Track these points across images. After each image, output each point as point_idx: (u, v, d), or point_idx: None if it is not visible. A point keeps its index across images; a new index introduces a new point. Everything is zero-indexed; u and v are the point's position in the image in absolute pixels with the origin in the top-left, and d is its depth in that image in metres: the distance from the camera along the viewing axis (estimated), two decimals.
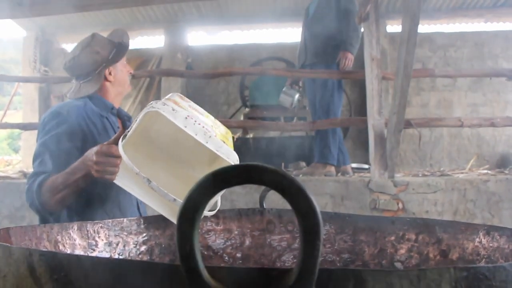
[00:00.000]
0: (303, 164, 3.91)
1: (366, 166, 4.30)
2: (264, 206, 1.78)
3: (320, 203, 3.02)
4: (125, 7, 4.06)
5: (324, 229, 1.62)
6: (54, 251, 0.62)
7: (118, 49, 2.00)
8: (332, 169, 3.58)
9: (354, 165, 4.06)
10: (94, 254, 1.48)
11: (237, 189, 3.20)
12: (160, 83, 5.99)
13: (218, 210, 1.72)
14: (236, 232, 1.74)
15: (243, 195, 3.17)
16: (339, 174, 3.56)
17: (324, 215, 1.64)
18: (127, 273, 0.54)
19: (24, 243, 1.24)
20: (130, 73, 2.08)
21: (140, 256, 1.58)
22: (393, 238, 1.42)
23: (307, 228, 0.46)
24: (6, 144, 15.44)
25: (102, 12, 5.76)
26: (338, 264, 1.48)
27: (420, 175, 3.63)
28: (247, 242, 1.73)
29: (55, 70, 6.07)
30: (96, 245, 1.50)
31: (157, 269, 0.53)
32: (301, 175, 3.49)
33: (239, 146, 4.30)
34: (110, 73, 2.00)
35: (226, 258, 1.69)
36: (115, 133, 1.85)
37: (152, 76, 5.81)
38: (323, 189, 3.09)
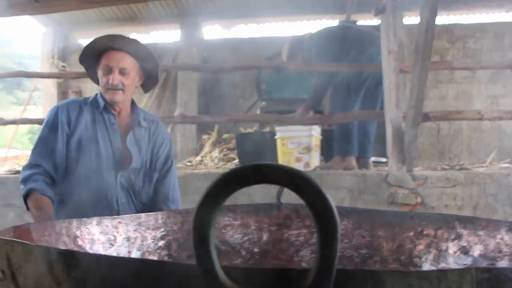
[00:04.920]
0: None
1: (384, 159, 4.27)
2: (281, 201, 1.78)
3: (338, 197, 3.01)
4: (138, 2, 4.07)
5: (342, 224, 1.61)
6: (71, 250, 0.62)
7: (85, 51, 2.05)
8: (353, 161, 3.56)
9: (372, 158, 4.03)
10: (112, 249, 1.49)
11: None
12: (176, 77, 6.01)
13: (236, 205, 1.73)
14: (253, 227, 1.74)
15: (260, 189, 3.17)
16: (359, 169, 3.53)
17: (341, 210, 1.63)
18: (144, 272, 0.54)
19: (44, 238, 1.26)
20: (108, 83, 2.02)
21: (158, 251, 1.59)
22: (411, 233, 1.41)
23: (324, 228, 0.45)
24: (27, 139, 15.68)
25: (118, 7, 5.79)
26: (356, 260, 1.47)
27: (438, 169, 3.59)
28: (265, 237, 1.73)
29: (72, 65, 6.13)
30: (115, 240, 1.52)
31: (174, 269, 0.53)
32: (318, 169, 3.48)
33: (256, 140, 4.30)
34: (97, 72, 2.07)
35: (244, 253, 1.69)
36: (106, 128, 2.03)
37: (168, 71, 5.82)
38: (341, 183, 3.08)
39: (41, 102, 6.70)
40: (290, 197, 1.78)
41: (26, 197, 1.86)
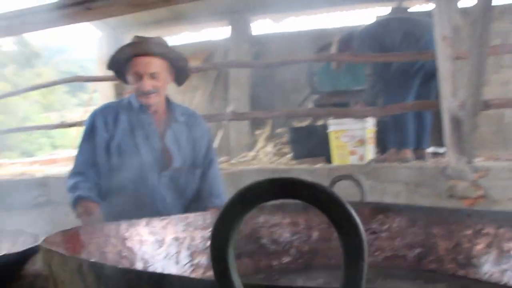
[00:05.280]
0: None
1: (442, 150, 4.10)
2: None
3: (393, 191, 2.92)
4: (186, 2, 4.11)
5: (395, 222, 1.55)
6: (101, 263, 0.62)
7: (112, 59, 2.06)
8: (408, 153, 3.44)
9: (429, 149, 3.88)
10: (161, 249, 1.50)
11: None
12: (228, 73, 6.04)
13: (285, 203, 1.71)
14: (302, 226, 1.71)
15: None
16: (415, 161, 3.41)
17: (394, 208, 1.56)
18: (166, 286, 0.53)
19: (93, 241, 1.29)
20: (139, 89, 2.03)
21: (207, 250, 1.60)
22: (469, 232, 1.33)
23: (349, 248, 0.42)
24: None
25: (167, 8, 5.87)
26: (409, 260, 1.41)
27: (502, 159, 3.40)
28: (314, 235, 1.69)
29: None
30: (164, 241, 1.53)
31: (199, 285, 0.51)
32: (373, 162, 3.39)
33: (309, 134, 4.25)
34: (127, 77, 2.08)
35: (293, 252, 1.66)
36: (144, 129, 2.05)
37: (219, 68, 5.86)
38: (396, 176, 2.98)
39: (100, 103, 6.93)
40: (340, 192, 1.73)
41: (74, 204, 1.92)
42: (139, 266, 1.39)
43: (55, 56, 20.25)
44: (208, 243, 1.49)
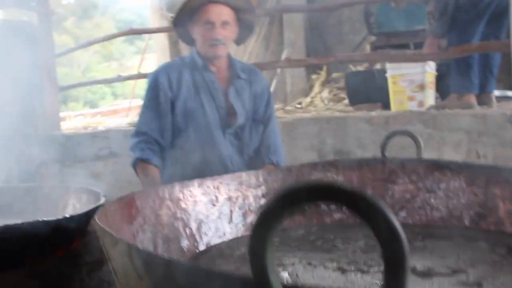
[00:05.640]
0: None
1: (510, 93, 3.87)
2: (386, 155, 1.69)
3: (453, 140, 2.79)
4: None
5: (453, 180, 1.49)
6: (149, 252, 0.63)
7: (182, 8, 1.99)
8: (472, 98, 3.26)
9: (496, 92, 3.66)
10: (215, 209, 1.53)
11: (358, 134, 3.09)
12: (282, 17, 5.89)
13: (338, 160, 1.69)
14: (356, 183, 1.69)
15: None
16: (478, 107, 3.23)
17: (452, 165, 1.50)
18: (209, 282, 0.53)
19: (149, 205, 1.33)
20: (211, 38, 1.97)
21: (260, 209, 1.61)
22: None
23: (390, 259, 0.40)
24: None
25: None
26: (465, 221, 1.36)
27: None
28: (369, 192, 1.67)
29: None
30: (217, 200, 1.56)
31: (236, 281, 0.51)
32: (432, 109, 3.25)
33: (366, 79, 4.12)
34: (192, 31, 2.03)
35: (342, 212, 1.65)
36: (208, 87, 2.02)
37: (272, 14, 5.71)
38: (457, 124, 2.84)
39: (155, 50, 7.01)
40: (393, 149, 1.68)
41: (134, 165, 1.97)
42: (193, 226, 1.43)
43: (112, 6, 20.50)
44: (262, 201, 1.50)
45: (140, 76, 4.19)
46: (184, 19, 2.03)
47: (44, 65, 3.97)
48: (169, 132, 2.00)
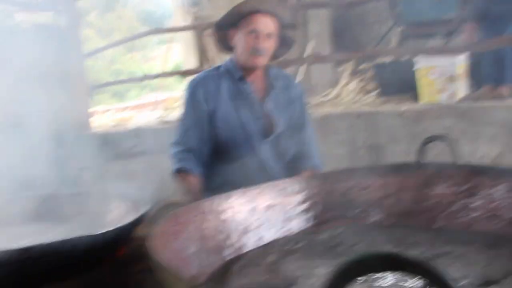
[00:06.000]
0: None
1: None
2: (423, 160, 1.69)
3: (488, 134, 2.76)
4: None
5: (491, 187, 1.48)
6: None
7: (230, 13, 1.97)
8: (506, 90, 3.20)
9: None
10: (255, 218, 1.56)
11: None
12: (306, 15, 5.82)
13: (376, 165, 1.69)
14: (393, 188, 1.69)
15: None
16: None
17: (491, 171, 1.50)
18: None
19: (191, 221, 1.36)
20: (254, 47, 1.95)
21: (299, 216, 1.63)
22: None
23: None
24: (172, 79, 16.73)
25: None
26: (504, 227, 1.36)
27: None
28: (406, 198, 1.67)
29: (203, 9, 6.27)
30: (257, 209, 1.58)
31: None
32: (464, 101, 3.21)
33: (395, 71, 4.08)
34: (233, 36, 2.02)
35: (384, 215, 1.65)
36: (245, 99, 2.02)
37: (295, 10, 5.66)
38: (491, 117, 2.80)
39: (180, 41, 7.04)
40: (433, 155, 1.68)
41: (175, 175, 2.00)
42: (234, 237, 1.46)
43: None
44: (302, 207, 1.52)
45: (166, 74, 4.23)
46: (227, 24, 2.02)
47: (73, 66, 4.05)
48: (209, 143, 2.02)
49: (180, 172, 1.97)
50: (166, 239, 1.16)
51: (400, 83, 3.95)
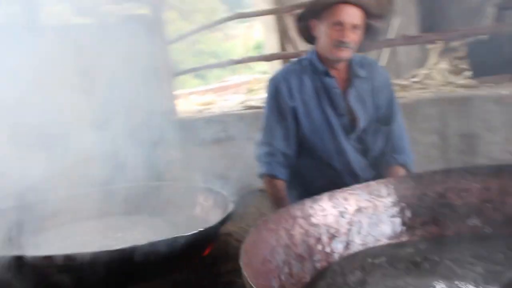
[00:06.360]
0: None
1: None
2: None
3: None
4: None
5: None
6: None
7: (314, 3, 1.88)
8: None
9: None
10: (345, 221, 1.52)
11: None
12: None
13: (476, 166, 1.58)
14: (495, 191, 1.57)
15: None
16: None
17: None
18: None
19: (282, 226, 1.34)
20: (339, 40, 1.84)
21: (392, 219, 1.57)
22: None
23: None
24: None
25: None
26: None
27: None
28: (509, 201, 1.54)
29: None
30: (346, 212, 1.54)
31: None
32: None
33: (492, 48, 3.78)
34: (314, 27, 1.93)
35: (484, 220, 1.54)
36: (329, 94, 1.94)
37: None
38: None
39: (260, 20, 6.99)
40: None
41: (260, 176, 1.98)
42: (324, 241, 1.43)
43: None
44: (393, 210, 1.47)
45: (250, 59, 4.23)
46: (311, 15, 1.93)
47: (159, 53, 4.15)
48: (294, 140, 1.96)
49: (264, 175, 1.95)
50: (256, 249, 1.15)
51: (498, 62, 3.64)
